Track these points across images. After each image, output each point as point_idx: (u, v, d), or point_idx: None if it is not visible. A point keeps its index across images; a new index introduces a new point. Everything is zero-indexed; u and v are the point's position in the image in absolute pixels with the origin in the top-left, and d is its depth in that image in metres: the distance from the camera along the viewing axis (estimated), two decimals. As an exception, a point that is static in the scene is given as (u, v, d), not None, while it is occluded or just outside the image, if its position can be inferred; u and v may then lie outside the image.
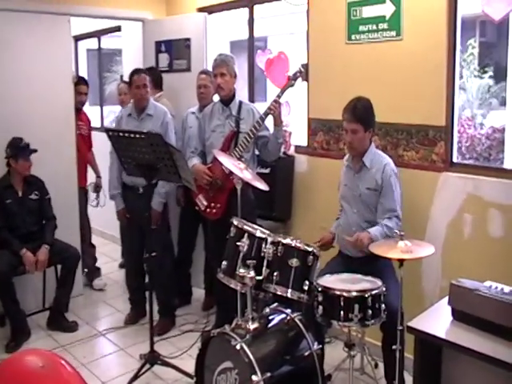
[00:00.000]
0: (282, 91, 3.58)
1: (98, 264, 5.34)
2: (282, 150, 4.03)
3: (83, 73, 7.81)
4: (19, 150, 4.12)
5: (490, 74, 9.71)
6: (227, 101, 3.84)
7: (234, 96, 3.86)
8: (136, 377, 3.43)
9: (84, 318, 4.46)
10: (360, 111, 3.14)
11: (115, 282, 5.25)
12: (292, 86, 3.59)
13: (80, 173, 4.95)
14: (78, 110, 5.02)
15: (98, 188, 5.23)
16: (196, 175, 3.72)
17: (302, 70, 3.58)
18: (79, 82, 5.05)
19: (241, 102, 3.87)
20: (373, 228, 3.11)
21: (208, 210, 3.81)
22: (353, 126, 3.15)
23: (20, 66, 4.43)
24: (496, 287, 2.34)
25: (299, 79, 3.61)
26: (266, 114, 3.61)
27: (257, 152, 3.90)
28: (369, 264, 3.07)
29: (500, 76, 9.42)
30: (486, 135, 7.90)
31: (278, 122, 3.66)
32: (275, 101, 3.56)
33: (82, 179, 5.02)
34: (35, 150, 4.18)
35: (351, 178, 3.30)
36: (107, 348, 4.02)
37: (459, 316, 2.37)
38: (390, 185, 3.16)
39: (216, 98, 4.30)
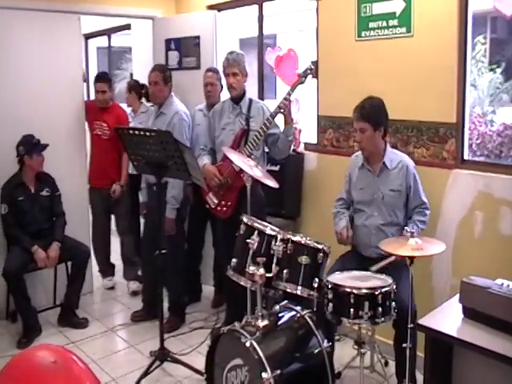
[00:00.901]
0: (293, 89, 3.57)
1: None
2: (292, 147, 4.02)
3: (93, 71, 7.83)
4: (32, 146, 4.14)
5: (501, 70, 9.64)
6: (237, 99, 3.84)
7: (244, 94, 3.86)
8: (146, 373, 3.44)
9: (94, 315, 4.49)
10: (367, 110, 3.15)
11: (125, 279, 5.27)
12: (302, 83, 3.59)
13: (98, 174, 4.88)
14: (102, 110, 4.86)
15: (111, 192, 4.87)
16: (206, 176, 3.72)
17: (312, 67, 3.56)
18: (98, 79, 4.86)
19: (251, 100, 3.87)
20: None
21: (218, 208, 3.81)
22: (360, 125, 3.16)
23: (30, 65, 4.44)
24: (508, 285, 2.32)
25: (309, 76, 3.60)
26: (276, 112, 3.60)
27: (266, 149, 3.89)
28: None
29: (511, 72, 9.35)
30: (498, 132, 7.82)
31: (288, 120, 3.65)
32: (285, 99, 3.56)
33: (95, 180, 4.91)
34: (47, 145, 4.19)
35: (370, 181, 3.27)
36: (117, 345, 4.04)
37: (470, 314, 2.36)
38: (416, 181, 3.22)
39: (223, 95, 4.32)
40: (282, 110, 3.57)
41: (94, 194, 4.93)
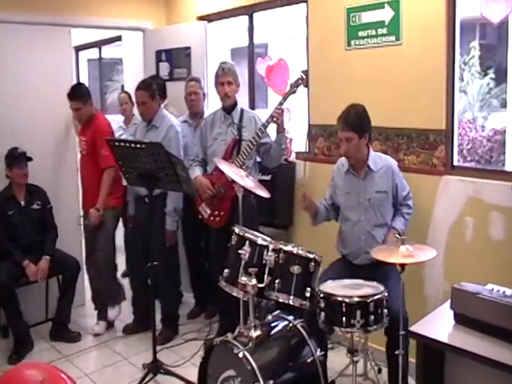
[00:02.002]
0: (284, 98, 3.58)
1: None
2: (283, 156, 4.03)
3: (84, 83, 7.81)
4: (14, 159, 4.12)
5: (491, 76, 9.72)
6: (229, 109, 3.85)
7: (235, 104, 3.87)
8: (140, 386, 3.42)
9: (87, 329, 4.44)
10: (352, 119, 3.14)
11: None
12: (294, 93, 3.59)
13: (84, 195, 4.48)
14: (86, 123, 4.34)
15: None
16: (199, 188, 3.72)
17: (303, 76, 3.57)
18: (68, 98, 4.26)
19: (242, 110, 3.88)
20: (395, 221, 3.23)
21: (211, 218, 3.80)
22: (346, 135, 3.15)
23: (20, 78, 4.44)
24: (498, 290, 2.32)
25: (300, 86, 3.61)
26: (269, 122, 3.61)
27: (258, 159, 3.90)
28: (373, 270, 3.07)
29: (501, 78, 9.42)
30: (488, 137, 7.90)
31: (281, 129, 3.66)
32: (278, 108, 3.56)
33: (84, 202, 4.47)
34: (31, 159, 4.16)
35: (356, 185, 3.28)
36: (110, 358, 3.99)
37: (461, 320, 2.35)
38: (399, 177, 3.28)
39: (209, 106, 4.32)
40: (274, 120, 3.57)
41: (85, 219, 4.44)
